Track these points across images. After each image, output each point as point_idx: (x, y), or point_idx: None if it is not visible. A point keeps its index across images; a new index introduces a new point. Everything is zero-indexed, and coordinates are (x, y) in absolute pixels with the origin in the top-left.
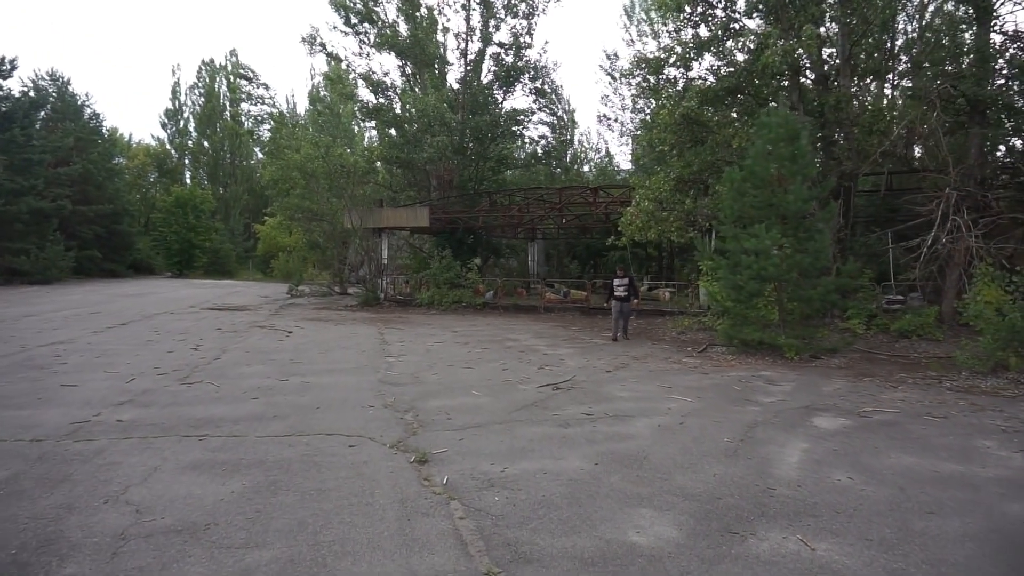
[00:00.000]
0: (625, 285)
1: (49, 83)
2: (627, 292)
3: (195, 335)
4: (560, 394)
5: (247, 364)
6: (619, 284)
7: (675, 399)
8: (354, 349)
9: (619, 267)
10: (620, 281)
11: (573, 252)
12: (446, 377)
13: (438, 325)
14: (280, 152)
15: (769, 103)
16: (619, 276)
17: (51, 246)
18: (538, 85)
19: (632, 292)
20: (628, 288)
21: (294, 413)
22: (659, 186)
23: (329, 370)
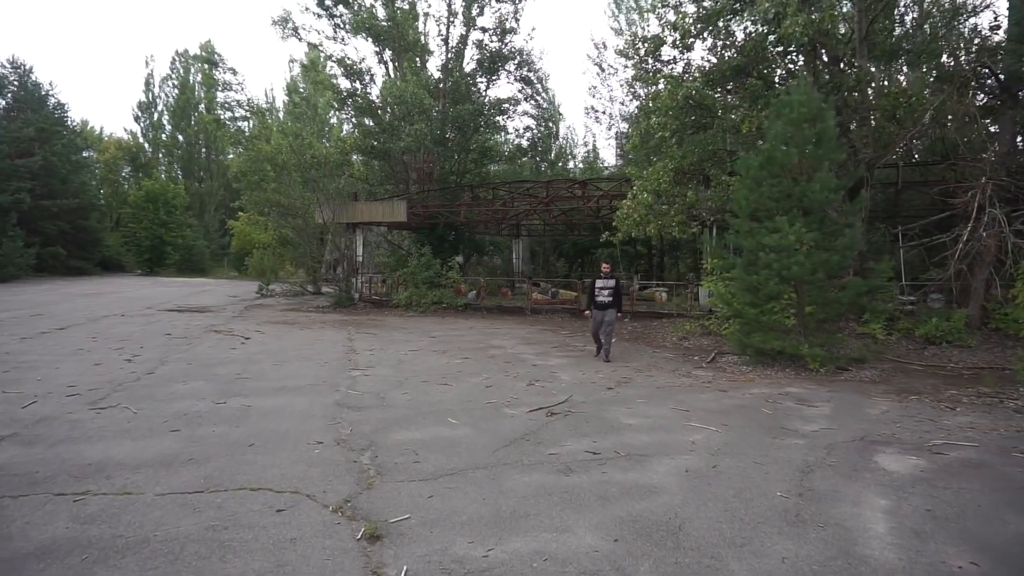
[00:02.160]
0: (610, 288)
1: (9, 71)
2: (612, 298)
3: (137, 342)
4: (556, 421)
5: (183, 380)
6: (602, 286)
7: (697, 428)
8: (315, 360)
9: (604, 264)
10: (604, 283)
11: (559, 250)
12: (418, 397)
13: (415, 329)
14: (250, 143)
15: (777, 87)
16: (603, 276)
17: (8, 242)
18: (524, 73)
19: (617, 299)
20: (614, 293)
21: (218, 454)
22: (658, 177)
23: (279, 388)
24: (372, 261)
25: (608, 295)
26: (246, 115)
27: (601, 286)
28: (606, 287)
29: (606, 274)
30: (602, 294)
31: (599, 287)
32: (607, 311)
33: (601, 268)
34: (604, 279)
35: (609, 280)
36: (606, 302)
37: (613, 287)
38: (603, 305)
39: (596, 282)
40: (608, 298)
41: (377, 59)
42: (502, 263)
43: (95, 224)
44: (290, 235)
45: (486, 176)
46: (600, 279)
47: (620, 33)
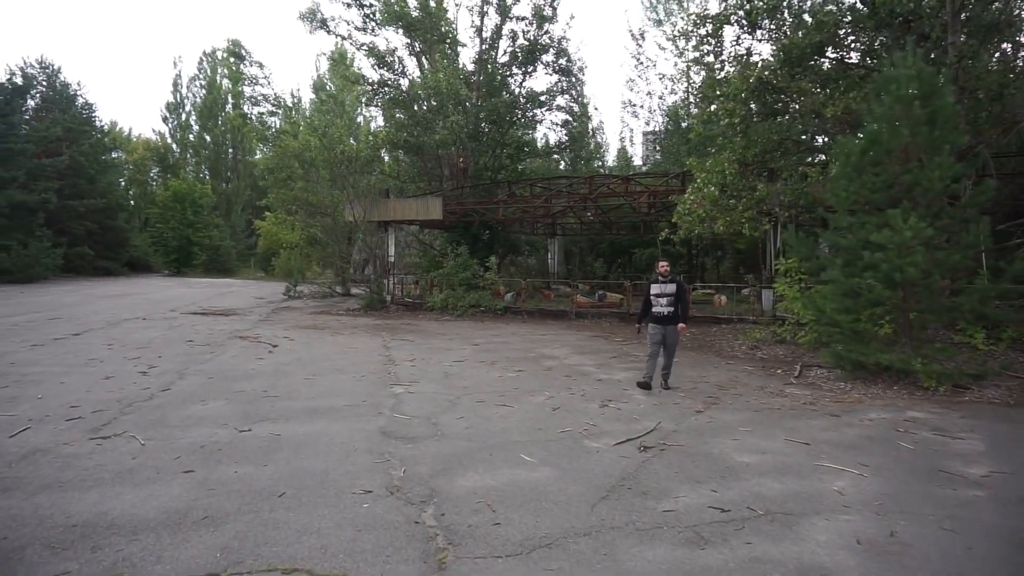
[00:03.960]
0: (670, 296)
1: (38, 71)
2: (673, 308)
3: (156, 351)
4: (654, 459)
5: (202, 400)
6: (660, 293)
7: (833, 470)
8: (351, 372)
9: (662, 262)
10: (662, 287)
11: (596, 250)
12: (477, 423)
13: (454, 335)
14: (276, 138)
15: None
16: (661, 280)
17: (34, 242)
18: (563, 63)
19: (682, 308)
20: (675, 301)
21: (240, 509)
22: (722, 169)
23: (312, 410)
24: (401, 261)
25: (668, 303)
26: (273, 110)
27: (658, 292)
28: (665, 293)
29: (664, 276)
30: (660, 303)
31: (656, 294)
32: (668, 326)
33: (657, 268)
34: (662, 283)
35: (668, 284)
36: (665, 313)
37: (674, 293)
38: (662, 318)
39: (651, 288)
40: (668, 308)
41: (408, 51)
42: (537, 263)
43: (122, 224)
44: (318, 234)
45: (522, 172)
46: (657, 283)
47: (660, 24)
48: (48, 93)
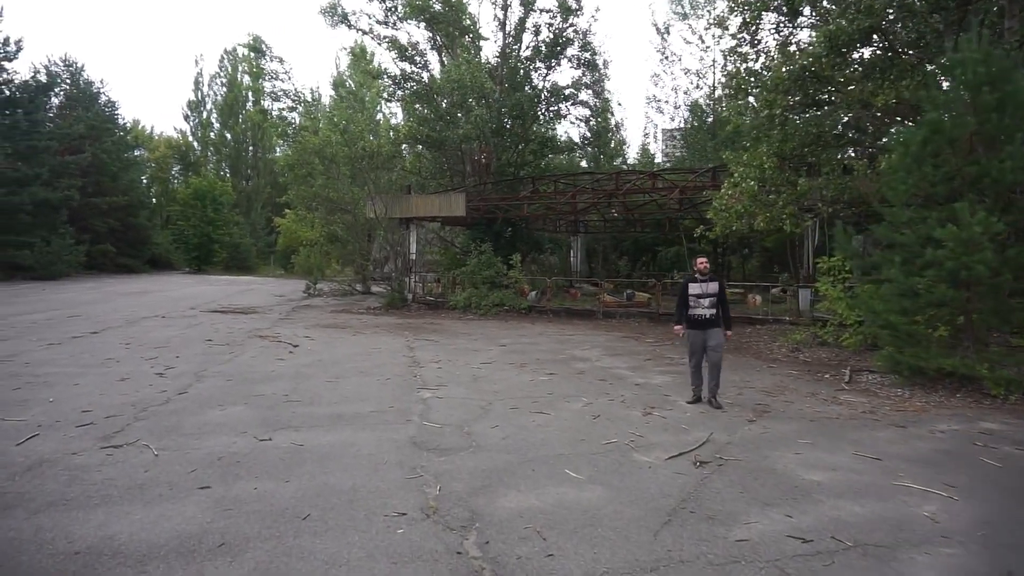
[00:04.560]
0: (712, 296)
1: (62, 68)
2: (715, 310)
3: (174, 350)
4: (713, 476)
5: (220, 404)
6: (701, 294)
7: (916, 490)
8: (375, 375)
9: (700, 259)
10: (703, 287)
11: (620, 248)
12: (514, 432)
13: (479, 335)
14: (297, 133)
15: (908, 54)
16: (699, 278)
17: (57, 239)
18: (589, 56)
19: (723, 311)
20: (717, 302)
21: (260, 534)
22: (760, 162)
23: (337, 417)
24: (422, 259)
25: (709, 305)
26: (293, 105)
27: (698, 293)
28: (705, 294)
29: (704, 274)
30: (700, 304)
31: (696, 294)
32: (710, 331)
33: (696, 266)
34: (701, 282)
35: (709, 283)
36: (706, 316)
37: (716, 294)
38: (702, 321)
39: (689, 286)
40: (709, 310)
41: (430, 45)
42: (559, 262)
43: (144, 222)
44: (338, 231)
45: (545, 168)
46: (695, 282)
47: (685, 17)
48: (72, 91)
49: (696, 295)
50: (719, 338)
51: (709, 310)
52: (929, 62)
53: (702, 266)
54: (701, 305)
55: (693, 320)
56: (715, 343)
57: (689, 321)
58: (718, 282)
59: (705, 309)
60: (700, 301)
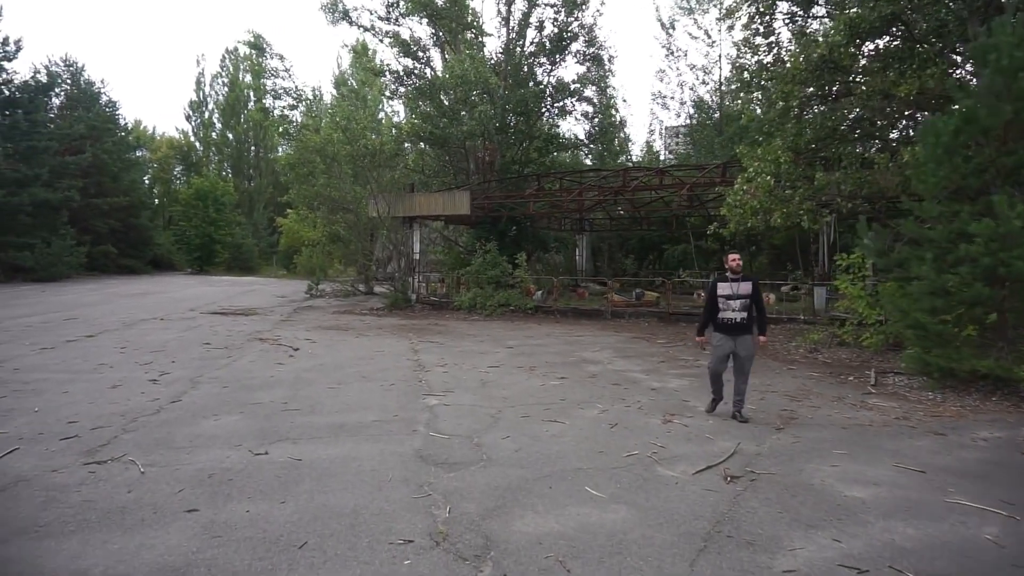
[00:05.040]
0: (744, 298)
1: (62, 68)
2: (747, 313)
3: (170, 355)
4: (747, 493)
5: (214, 414)
6: (732, 295)
7: (970, 508)
8: (378, 380)
9: (732, 256)
10: (734, 287)
11: (626, 246)
12: (527, 444)
13: (485, 336)
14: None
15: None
16: (731, 277)
17: (57, 240)
18: (595, 51)
19: (759, 315)
20: (750, 304)
21: (250, 567)
22: (775, 156)
23: (338, 427)
24: (425, 259)
25: (742, 307)
26: (293, 103)
27: (729, 293)
28: (738, 295)
29: (735, 272)
30: (730, 307)
31: (726, 295)
32: (740, 337)
33: (727, 263)
34: (733, 281)
35: (741, 283)
36: (737, 320)
37: (748, 295)
38: (732, 325)
39: (719, 286)
40: (742, 313)
41: (433, 41)
42: (564, 261)
43: (146, 223)
44: (340, 231)
45: (550, 166)
46: (726, 282)
47: (691, 12)
48: (72, 91)
49: (725, 296)
50: (750, 346)
51: (740, 313)
52: (953, 51)
53: (734, 264)
54: (731, 308)
55: (722, 324)
56: (745, 351)
57: (718, 325)
58: (751, 282)
59: (736, 312)
60: (731, 303)
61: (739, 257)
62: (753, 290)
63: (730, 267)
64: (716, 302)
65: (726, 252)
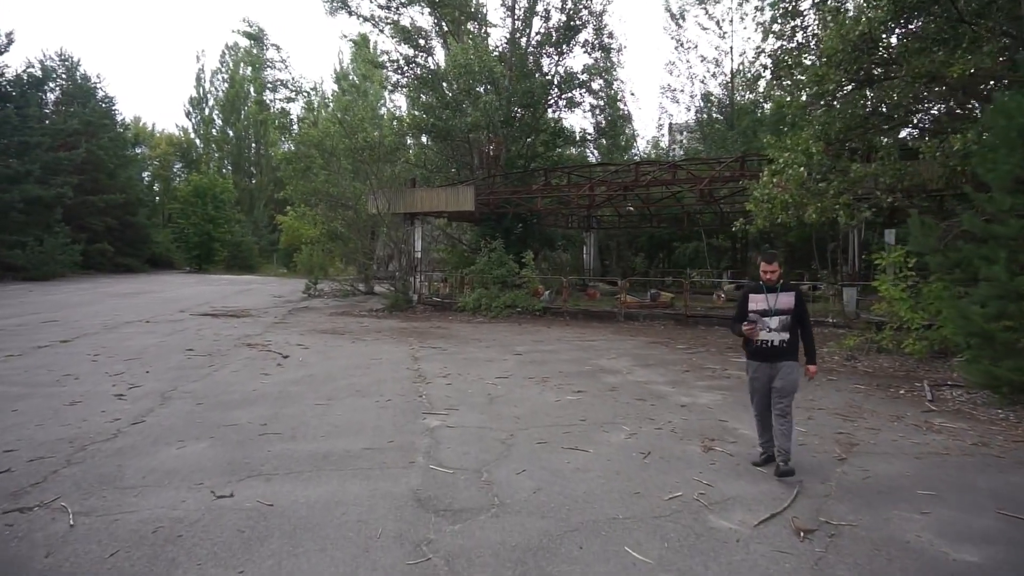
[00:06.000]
0: (784, 314)
1: (57, 63)
2: (789, 333)
3: (147, 362)
4: (830, 555)
5: (180, 439)
6: (768, 310)
7: None
8: (374, 394)
9: (764, 263)
10: (771, 300)
11: (635, 244)
12: (545, 480)
13: (491, 341)
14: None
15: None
16: (766, 286)
17: (50, 239)
18: (604, 40)
19: (805, 336)
20: (791, 323)
21: None
22: (806, 146)
23: (322, 458)
24: (428, 257)
25: (781, 327)
26: (290, 95)
27: (763, 308)
28: (776, 310)
29: (771, 278)
30: (767, 326)
31: (759, 310)
32: (780, 363)
33: (761, 269)
34: (769, 292)
35: (780, 295)
36: (775, 343)
37: (791, 310)
38: (769, 350)
39: (750, 299)
40: (781, 335)
41: (435, 31)
42: (570, 259)
43: (143, 220)
44: (339, 228)
45: (558, 160)
46: (760, 292)
47: (702, 1)
48: (68, 86)
49: (759, 311)
50: (792, 375)
51: (780, 334)
52: (1004, 33)
53: (770, 274)
54: (768, 326)
55: (757, 350)
56: (785, 382)
57: (752, 350)
58: (794, 293)
59: (774, 332)
60: (766, 321)
61: (775, 264)
62: (796, 304)
63: (765, 277)
64: (747, 311)
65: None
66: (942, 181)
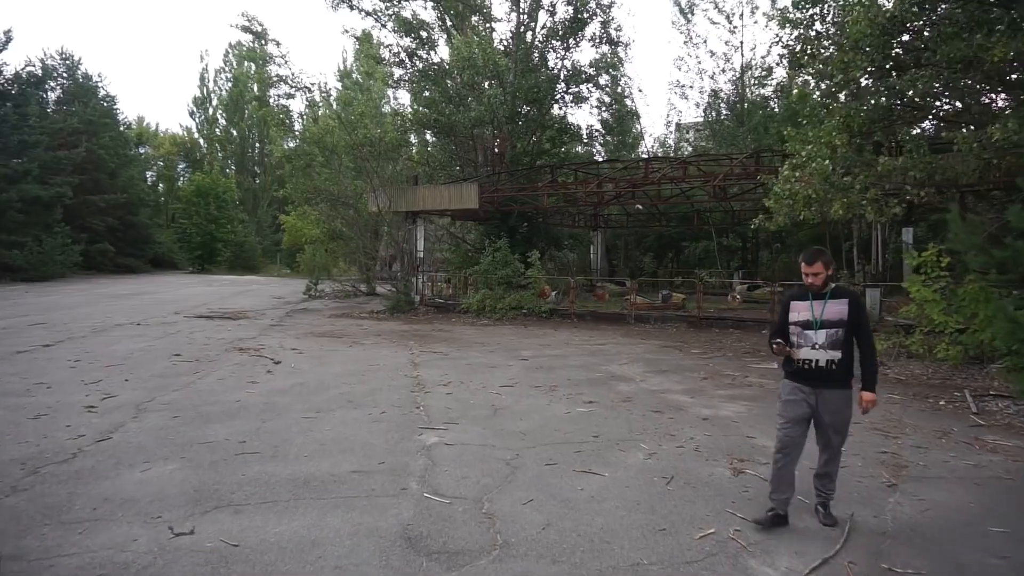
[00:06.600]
0: (834, 328)
1: (58, 62)
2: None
3: (129, 369)
4: None
5: (146, 460)
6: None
7: None
8: (367, 405)
9: (804, 261)
10: (816, 308)
11: (643, 244)
12: (556, 511)
13: (495, 345)
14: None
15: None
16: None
17: (49, 239)
18: (612, 32)
19: (864, 355)
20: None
21: None
22: (829, 139)
23: (303, 483)
24: (431, 257)
25: (830, 343)
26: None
27: (807, 319)
28: (824, 322)
29: (815, 282)
30: (811, 341)
31: (801, 322)
32: (827, 392)
33: (803, 271)
34: (815, 299)
35: (830, 303)
36: (822, 364)
37: (844, 321)
38: (814, 372)
39: (792, 307)
40: (830, 353)
41: (439, 26)
42: (577, 259)
43: (145, 220)
44: (341, 227)
45: (564, 158)
46: (803, 299)
47: None
48: (69, 85)
49: (800, 324)
50: (844, 407)
51: (829, 352)
52: None
53: (814, 276)
54: (814, 342)
55: (799, 370)
56: (834, 415)
57: (791, 370)
58: (847, 300)
59: (821, 351)
60: (811, 335)
61: (821, 264)
62: (851, 313)
63: (810, 280)
64: (787, 331)
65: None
66: (975, 175)
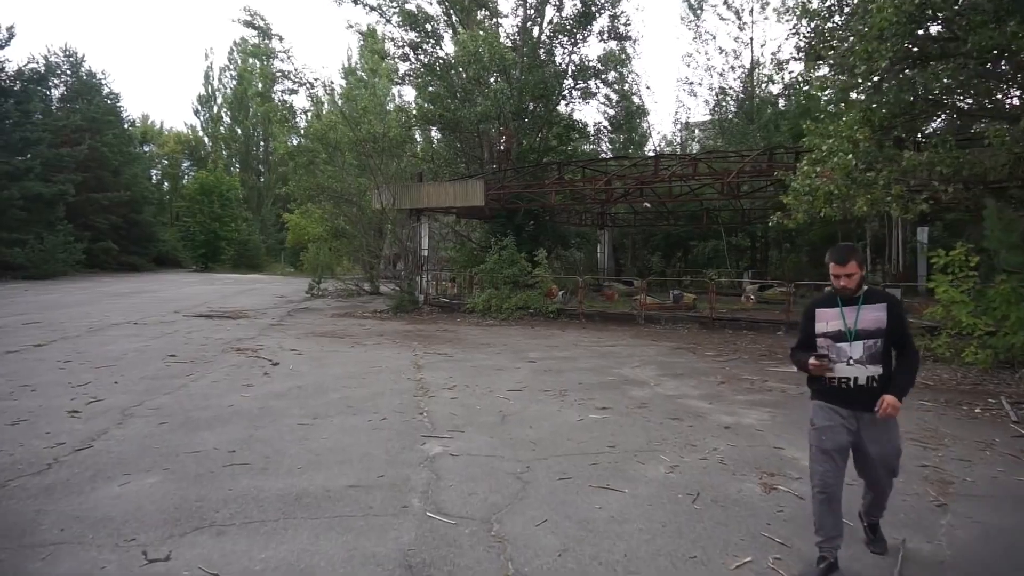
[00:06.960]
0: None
1: (62, 59)
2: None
3: (120, 371)
4: None
5: (126, 471)
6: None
7: None
8: (367, 411)
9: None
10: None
11: (651, 242)
12: (573, 534)
13: (502, 346)
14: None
15: None
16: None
17: (51, 237)
18: (620, 27)
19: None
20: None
21: None
22: (850, 133)
23: (295, 498)
24: (436, 256)
25: (868, 357)
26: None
27: (837, 330)
28: (858, 332)
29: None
30: (844, 354)
31: (831, 333)
32: (869, 416)
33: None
34: (846, 305)
35: (863, 309)
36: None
37: (883, 332)
38: (851, 393)
39: (818, 314)
40: (868, 368)
41: (444, 22)
42: (583, 258)
43: (149, 218)
44: (344, 226)
45: (571, 155)
46: (833, 307)
47: None
48: (72, 82)
49: (833, 334)
50: (893, 436)
51: (868, 368)
52: None
53: (846, 281)
54: (848, 356)
55: (832, 389)
56: (883, 446)
57: (821, 389)
58: (886, 305)
59: (859, 366)
60: (845, 349)
61: (853, 260)
62: (890, 320)
63: (841, 283)
64: (813, 344)
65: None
66: (1005, 170)
